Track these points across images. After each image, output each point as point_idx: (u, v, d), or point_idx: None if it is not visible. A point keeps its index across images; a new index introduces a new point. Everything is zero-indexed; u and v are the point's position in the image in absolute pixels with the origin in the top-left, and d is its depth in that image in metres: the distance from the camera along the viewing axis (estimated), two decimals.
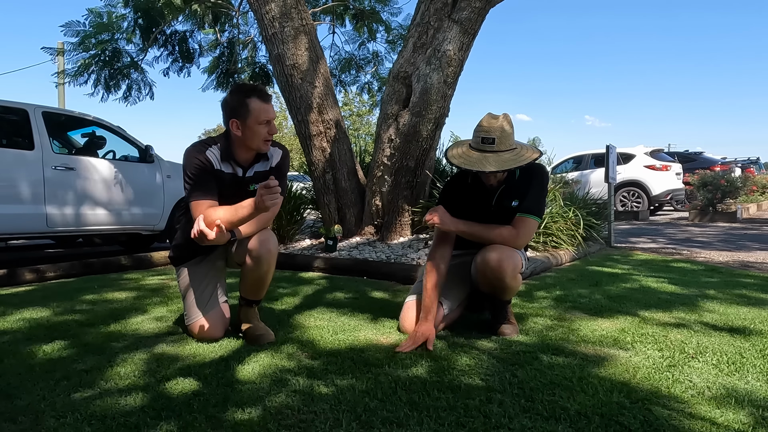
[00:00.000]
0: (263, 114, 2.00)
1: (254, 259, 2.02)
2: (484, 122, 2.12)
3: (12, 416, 1.43)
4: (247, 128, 2.01)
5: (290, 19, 4.60)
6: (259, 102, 2.00)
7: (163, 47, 7.42)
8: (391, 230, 4.55)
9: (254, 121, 1.99)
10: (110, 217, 5.00)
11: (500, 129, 2.08)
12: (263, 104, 2.01)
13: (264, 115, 2.00)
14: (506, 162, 2.07)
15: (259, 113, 1.99)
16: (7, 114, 4.64)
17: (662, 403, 1.47)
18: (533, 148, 2.21)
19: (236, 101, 2.02)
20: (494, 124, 2.09)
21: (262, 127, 2.01)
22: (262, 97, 2.01)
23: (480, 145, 2.10)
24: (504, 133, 2.09)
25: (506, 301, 2.22)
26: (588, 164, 11.43)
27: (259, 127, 2.00)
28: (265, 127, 2.01)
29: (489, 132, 2.08)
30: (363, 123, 32.50)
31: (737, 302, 2.75)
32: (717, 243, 6.08)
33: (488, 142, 2.08)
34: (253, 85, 2.02)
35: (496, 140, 2.07)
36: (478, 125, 2.13)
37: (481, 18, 4.20)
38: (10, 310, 2.74)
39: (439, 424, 1.36)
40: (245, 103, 2.00)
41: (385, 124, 4.53)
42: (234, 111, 2.02)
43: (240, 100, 2.01)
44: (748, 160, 21.22)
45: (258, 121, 2.00)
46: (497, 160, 2.07)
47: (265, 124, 2.01)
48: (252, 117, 1.99)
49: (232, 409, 1.45)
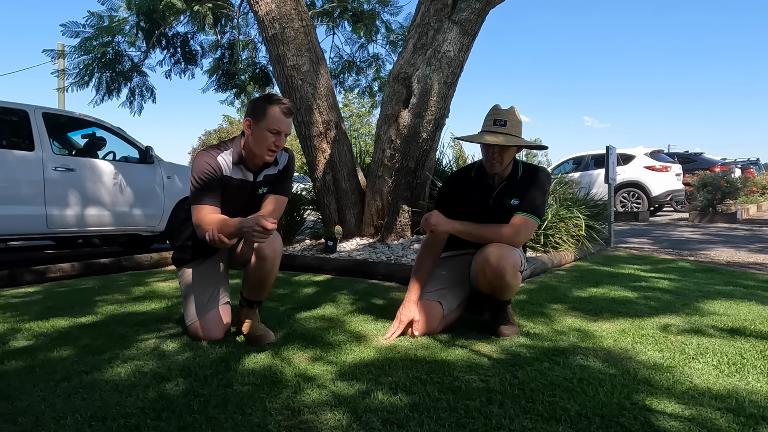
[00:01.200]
0: (276, 123, 2.05)
1: (259, 258, 2.03)
2: (498, 107, 2.22)
3: (12, 417, 1.43)
4: (257, 130, 2.06)
5: (290, 20, 4.60)
6: (278, 112, 2.05)
7: (165, 49, 7.43)
8: (391, 231, 4.55)
9: (266, 126, 2.05)
10: (110, 218, 5.00)
11: (512, 114, 2.18)
12: (281, 116, 2.06)
13: (276, 124, 2.05)
14: (512, 140, 2.14)
15: (273, 121, 2.04)
16: (8, 115, 4.64)
17: (663, 405, 1.47)
18: (539, 145, 2.37)
19: (259, 104, 2.08)
20: (507, 110, 2.19)
21: (271, 135, 2.05)
22: (282, 110, 2.07)
23: (492, 126, 2.17)
24: (515, 119, 2.18)
25: (506, 302, 2.22)
26: (588, 165, 11.43)
27: (268, 134, 2.05)
28: (273, 137, 2.06)
29: (502, 115, 2.18)
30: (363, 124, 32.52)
31: (737, 303, 2.75)
32: (717, 244, 6.08)
33: (500, 123, 2.16)
34: (283, 99, 2.10)
35: (507, 123, 2.16)
36: (490, 111, 2.22)
37: (481, 19, 4.21)
38: (10, 311, 2.74)
39: (440, 425, 1.36)
40: (266, 108, 2.05)
41: (385, 125, 4.53)
42: (253, 111, 2.08)
43: (262, 104, 2.07)
44: (748, 160, 21.22)
45: (269, 128, 2.04)
46: (507, 138, 2.15)
47: (275, 134, 2.06)
48: (266, 121, 2.04)
49: (232, 410, 1.46)
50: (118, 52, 6.86)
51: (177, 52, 7.55)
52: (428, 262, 2.28)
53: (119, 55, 6.89)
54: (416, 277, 2.26)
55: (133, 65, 7.07)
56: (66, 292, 3.32)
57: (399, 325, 2.16)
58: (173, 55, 7.55)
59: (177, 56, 7.56)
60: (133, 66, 7.08)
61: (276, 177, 2.22)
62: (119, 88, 7.09)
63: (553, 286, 3.29)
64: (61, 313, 2.66)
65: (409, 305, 2.18)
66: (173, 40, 7.49)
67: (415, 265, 2.30)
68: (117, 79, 6.99)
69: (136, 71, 7.16)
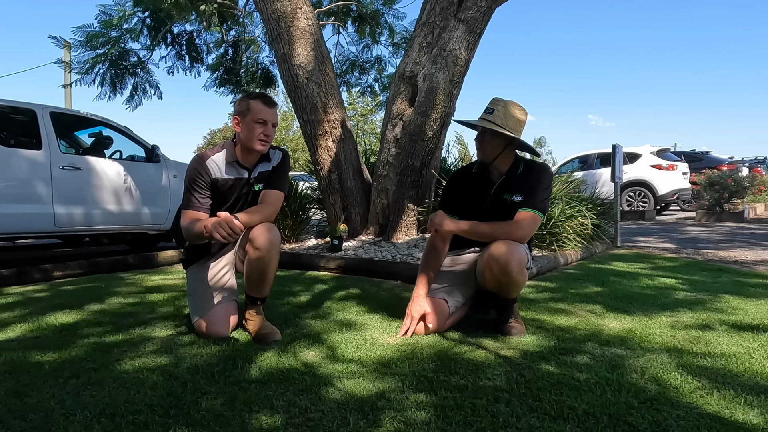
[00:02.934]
0: (260, 114, 2.16)
1: (256, 250, 2.06)
2: (494, 98, 2.25)
3: (22, 414, 1.44)
4: (245, 124, 2.17)
5: (296, 19, 4.61)
6: (260, 104, 2.17)
7: (171, 46, 7.46)
8: (397, 230, 4.55)
9: (252, 118, 2.15)
10: (117, 216, 5.02)
11: (504, 106, 2.21)
12: (264, 106, 2.18)
13: (261, 114, 2.16)
14: (490, 125, 2.18)
15: (257, 112, 2.16)
16: (15, 114, 4.67)
17: (671, 403, 1.47)
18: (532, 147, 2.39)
19: (242, 101, 2.23)
20: (502, 102, 2.22)
21: (259, 126, 2.16)
22: (264, 101, 2.20)
23: (482, 114, 2.24)
24: (507, 111, 2.19)
25: (512, 300, 2.21)
26: (594, 164, 11.39)
27: (256, 126, 2.15)
28: (261, 127, 2.16)
29: (492, 104, 2.23)
30: (368, 122, 32.51)
31: (745, 302, 2.74)
32: (724, 243, 6.05)
33: (488, 111, 2.22)
34: (263, 93, 2.30)
35: (494, 111, 2.20)
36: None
37: (487, 17, 4.19)
38: (19, 308, 2.76)
39: (447, 423, 1.36)
40: (249, 103, 2.19)
41: (391, 123, 4.53)
42: (238, 110, 2.24)
43: (245, 101, 2.23)
44: (756, 159, 21.04)
45: (255, 119, 2.15)
46: (483, 122, 2.20)
47: (261, 123, 2.16)
48: (251, 114, 2.16)
49: (239, 407, 1.46)
50: (124, 49, 6.89)
51: (182, 50, 7.58)
52: (435, 260, 2.29)
53: (124, 52, 6.92)
54: (423, 273, 2.27)
55: (138, 61, 7.10)
56: (73, 290, 3.34)
57: (411, 321, 2.16)
58: (178, 52, 7.58)
59: (182, 53, 7.60)
60: (138, 62, 7.11)
61: (270, 173, 2.29)
62: (124, 84, 7.13)
63: (559, 285, 3.28)
64: (69, 310, 2.68)
65: (418, 300, 2.19)
66: (178, 38, 7.52)
67: (422, 263, 2.30)
68: (122, 74, 7.02)
69: (141, 67, 7.19)
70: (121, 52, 6.87)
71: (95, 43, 6.57)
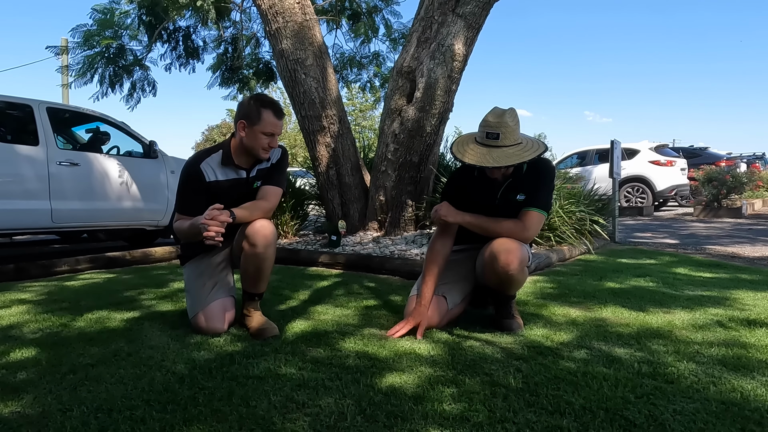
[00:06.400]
0: (270, 127, 2.14)
1: (251, 246, 2.05)
2: (489, 117, 2.10)
3: (19, 409, 1.44)
4: (252, 133, 2.14)
5: (293, 14, 4.59)
6: (272, 115, 2.13)
7: (167, 43, 7.43)
8: (395, 226, 4.55)
9: (260, 129, 2.13)
10: (115, 212, 5.01)
11: (505, 124, 2.07)
12: (274, 119, 2.14)
13: (271, 128, 2.14)
14: (510, 157, 2.06)
15: (267, 125, 2.13)
16: (12, 109, 4.65)
17: (667, 398, 1.47)
18: (539, 142, 2.19)
19: (253, 107, 2.15)
20: (499, 119, 2.08)
21: (265, 138, 2.14)
22: (276, 113, 2.16)
23: (485, 140, 2.10)
24: (508, 128, 2.07)
25: (510, 296, 2.21)
26: (592, 160, 11.40)
27: (262, 137, 2.14)
28: (267, 139, 2.15)
29: (494, 127, 2.08)
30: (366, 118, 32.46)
31: (743, 297, 2.74)
32: (722, 238, 6.06)
33: (492, 137, 2.07)
34: (273, 100, 2.19)
35: (500, 135, 2.07)
36: (484, 120, 2.12)
37: (486, 12, 4.18)
38: (16, 304, 2.75)
39: (444, 417, 1.36)
40: (260, 112, 2.13)
41: (389, 119, 4.52)
42: (247, 114, 2.15)
43: (256, 107, 2.13)
44: (754, 155, 21.05)
45: (263, 131, 2.13)
46: (500, 155, 2.07)
47: (269, 136, 2.14)
48: (260, 125, 2.13)
49: (236, 402, 1.46)
50: (121, 47, 6.87)
51: (179, 46, 7.55)
52: (440, 258, 2.21)
53: (122, 50, 6.90)
54: (429, 277, 2.17)
55: (135, 59, 7.07)
56: (71, 285, 3.34)
57: (406, 324, 2.11)
58: (175, 48, 7.55)
59: (179, 50, 7.57)
60: (135, 60, 7.08)
61: (269, 170, 2.28)
62: (122, 82, 7.11)
63: (557, 280, 3.28)
64: (67, 306, 2.68)
65: (421, 309, 2.12)
66: (175, 34, 7.48)
67: (427, 262, 2.21)
68: (119, 73, 7.00)
69: (138, 65, 7.16)
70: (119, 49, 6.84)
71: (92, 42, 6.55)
